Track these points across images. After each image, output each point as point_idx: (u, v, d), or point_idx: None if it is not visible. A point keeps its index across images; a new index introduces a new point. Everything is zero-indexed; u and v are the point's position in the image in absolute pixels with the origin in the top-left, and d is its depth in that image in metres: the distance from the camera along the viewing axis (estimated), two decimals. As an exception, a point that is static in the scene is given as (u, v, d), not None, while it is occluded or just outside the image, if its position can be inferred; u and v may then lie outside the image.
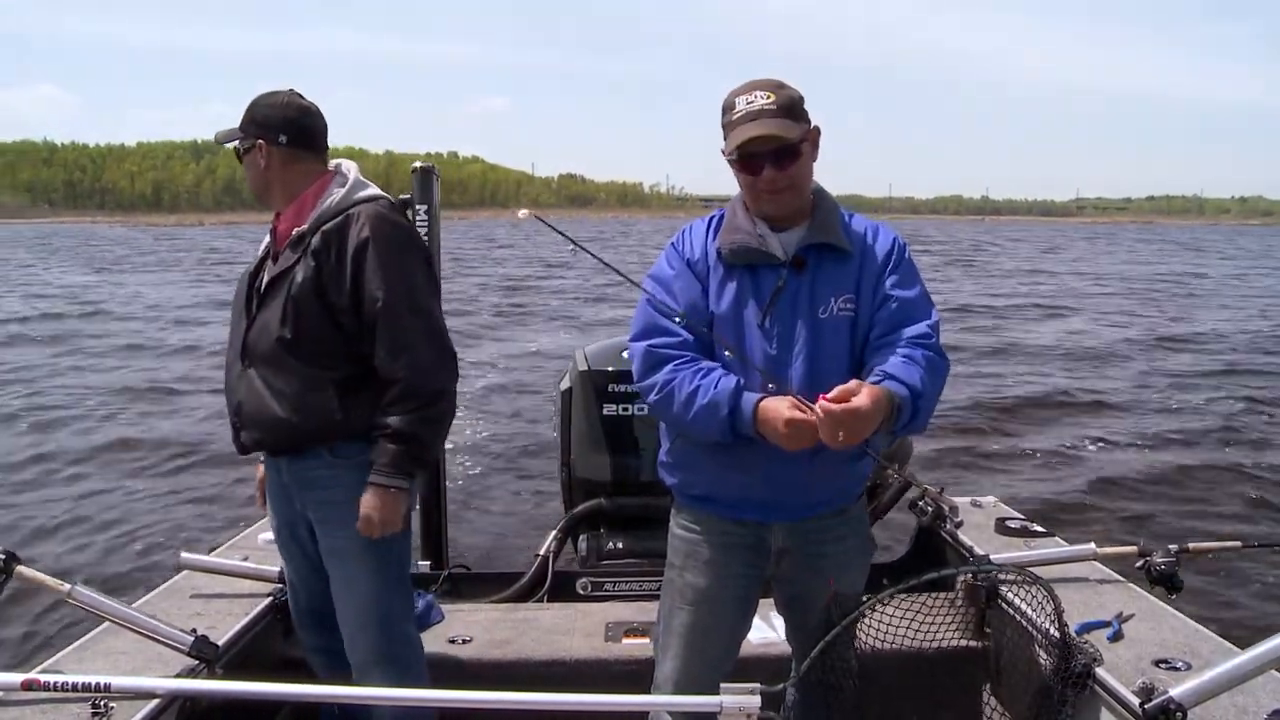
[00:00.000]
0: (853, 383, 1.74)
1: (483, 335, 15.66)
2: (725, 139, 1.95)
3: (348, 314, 2.20)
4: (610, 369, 3.53)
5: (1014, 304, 21.25)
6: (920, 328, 1.92)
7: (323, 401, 2.21)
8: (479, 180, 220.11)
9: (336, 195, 2.27)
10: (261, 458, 2.46)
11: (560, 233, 2.15)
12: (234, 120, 2.34)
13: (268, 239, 2.38)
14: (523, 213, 2.20)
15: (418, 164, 3.55)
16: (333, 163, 2.39)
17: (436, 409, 2.23)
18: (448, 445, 3.78)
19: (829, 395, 1.72)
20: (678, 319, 1.95)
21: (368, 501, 2.20)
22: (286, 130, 2.28)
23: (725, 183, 2.00)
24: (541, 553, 3.59)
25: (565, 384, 3.65)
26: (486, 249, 44.85)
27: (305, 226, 2.24)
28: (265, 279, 2.29)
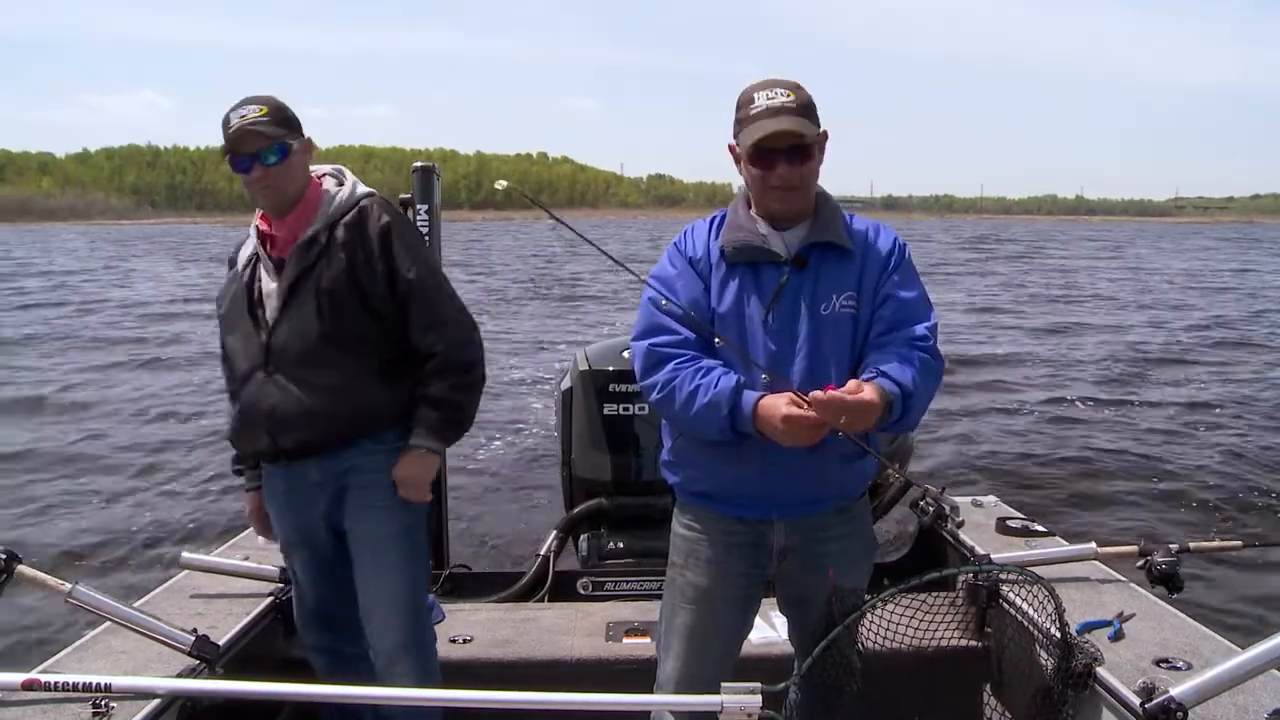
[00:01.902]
0: (851, 383, 1.77)
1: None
2: (739, 134, 1.96)
3: (382, 299, 2.25)
4: (611, 369, 3.53)
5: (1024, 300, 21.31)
6: (919, 329, 1.94)
7: (367, 392, 2.26)
8: (568, 181, 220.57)
9: (345, 192, 2.31)
10: (252, 484, 2.46)
11: (551, 213, 2.16)
12: (327, 123, 2.35)
13: (252, 247, 2.34)
14: (500, 183, 2.22)
15: (418, 164, 3.55)
16: (318, 168, 2.39)
17: (471, 377, 2.33)
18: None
19: (834, 391, 1.74)
20: (680, 310, 1.96)
21: (407, 464, 2.28)
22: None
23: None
24: (542, 552, 3.60)
25: (566, 384, 3.66)
26: (562, 245, 44.52)
27: (318, 225, 2.25)
28: (278, 284, 2.26)
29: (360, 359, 2.26)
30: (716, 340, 1.95)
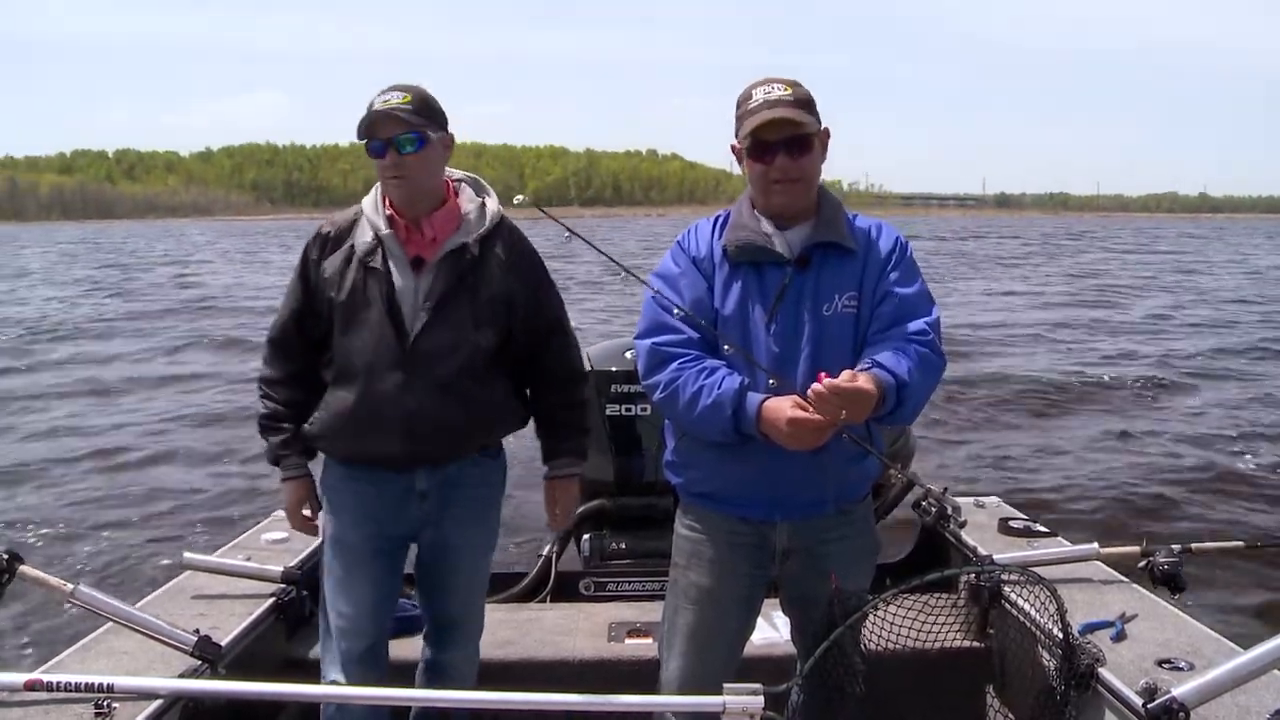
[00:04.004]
0: (845, 372, 1.77)
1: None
2: (739, 130, 1.96)
3: (523, 321, 2.28)
4: (614, 369, 3.53)
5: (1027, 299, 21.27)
6: (918, 324, 1.93)
7: (503, 406, 2.31)
8: (677, 178, 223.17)
9: (492, 204, 2.27)
10: (297, 471, 2.29)
11: (559, 221, 2.15)
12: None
13: (372, 233, 2.18)
14: (519, 197, 2.20)
15: None
16: (452, 173, 2.30)
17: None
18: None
19: (827, 381, 1.73)
20: (676, 311, 1.96)
21: (566, 490, 2.42)
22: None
23: (926, 179, 1.93)
24: (544, 553, 3.60)
25: (568, 384, 3.65)
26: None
27: (470, 235, 2.19)
28: (419, 285, 2.17)
29: (498, 374, 2.28)
30: (725, 348, 1.95)
